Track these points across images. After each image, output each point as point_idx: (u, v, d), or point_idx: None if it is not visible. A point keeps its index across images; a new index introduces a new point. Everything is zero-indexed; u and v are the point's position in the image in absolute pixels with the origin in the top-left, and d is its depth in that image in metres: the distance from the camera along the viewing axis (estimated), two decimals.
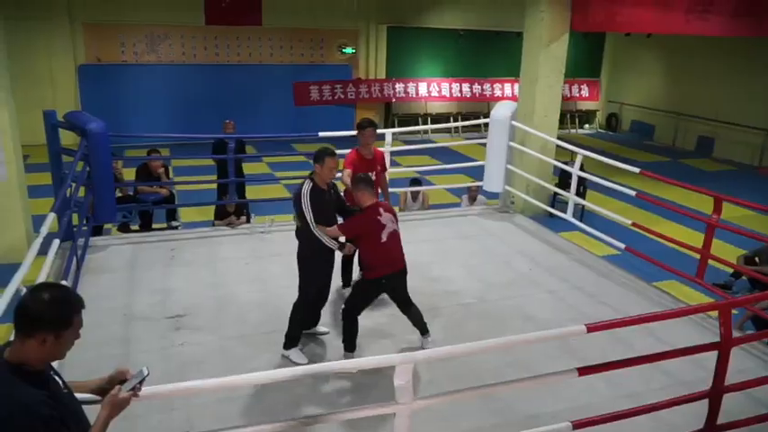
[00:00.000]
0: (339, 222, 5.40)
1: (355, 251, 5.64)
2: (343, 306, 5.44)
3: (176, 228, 9.64)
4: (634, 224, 7.50)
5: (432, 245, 8.16)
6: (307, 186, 5.22)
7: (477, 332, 5.91)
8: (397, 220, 5.40)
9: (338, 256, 5.55)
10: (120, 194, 9.19)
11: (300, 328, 5.52)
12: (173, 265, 7.35)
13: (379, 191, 6.36)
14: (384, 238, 5.21)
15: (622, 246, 7.46)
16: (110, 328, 5.79)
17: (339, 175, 5.87)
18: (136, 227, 9.54)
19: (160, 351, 5.51)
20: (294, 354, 5.43)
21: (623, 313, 6.10)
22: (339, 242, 5.33)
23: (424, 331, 5.61)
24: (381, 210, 5.29)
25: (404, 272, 5.41)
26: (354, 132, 6.65)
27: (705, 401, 4.24)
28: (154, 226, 9.64)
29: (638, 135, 20.89)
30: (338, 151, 5.40)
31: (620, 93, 21.83)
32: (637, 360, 4.01)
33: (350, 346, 5.38)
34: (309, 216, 5.17)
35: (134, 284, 6.80)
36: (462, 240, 8.46)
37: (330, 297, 5.79)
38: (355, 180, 5.37)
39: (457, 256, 7.82)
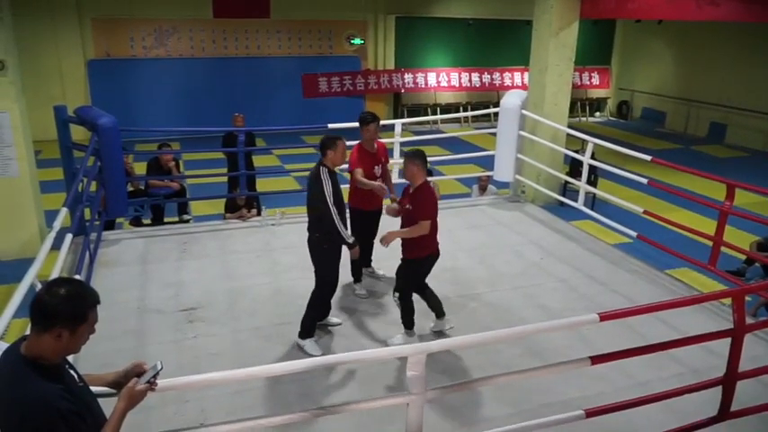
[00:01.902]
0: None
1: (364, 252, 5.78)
2: (396, 294, 5.61)
3: (187, 221, 9.68)
4: (646, 212, 7.47)
5: (442, 235, 8.01)
6: (323, 169, 5.27)
7: (488, 322, 5.92)
8: None
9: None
10: (131, 189, 9.23)
11: (318, 317, 5.57)
12: (184, 259, 7.39)
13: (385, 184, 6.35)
14: (438, 217, 5.39)
15: (634, 234, 7.45)
16: (123, 322, 5.85)
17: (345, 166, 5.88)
18: (147, 221, 9.58)
19: (174, 344, 5.55)
20: (309, 345, 5.47)
21: (635, 302, 6.09)
22: (350, 238, 5.33)
23: (440, 313, 5.70)
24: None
25: (438, 254, 5.57)
26: None
27: (718, 389, 4.23)
28: (165, 220, 9.68)
29: (650, 122, 20.74)
30: (351, 143, 5.42)
31: (631, 80, 21.67)
32: (649, 348, 4.01)
33: (410, 324, 5.57)
34: (329, 191, 5.18)
35: (147, 278, 6.85)
36: (473, 230, 8.45)
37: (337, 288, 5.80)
38: (413, 155, 5.33)
39: (468, 246, 7.82)
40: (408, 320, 5.57)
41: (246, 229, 8.38)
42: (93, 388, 2.71)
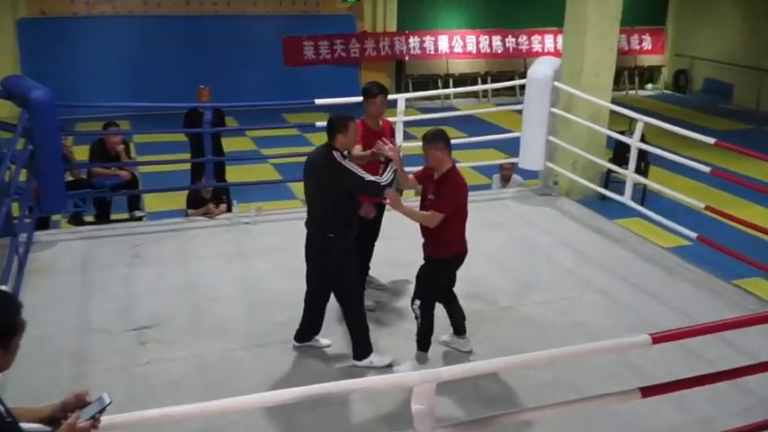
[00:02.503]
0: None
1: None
2: (417, 302, 5.53)
3: (140, 219, 9.67)
4: (708, 208, 7.46)
5: None
6: (337, 153, 5.30)
7: (512, 343, 5.92)
8: None
9: None
10: (70, 178, 9.21)
11: (367, 329, 5.65)
12: (136, 266, 7.38)
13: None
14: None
15: (694, 235, 7.44)
16: (60, 344, 5.83)
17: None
18: (90, 218, 9.58)
19: (123, 371, 5.54)
20: (376, 360, 5.60)
21: (695, 319, 6.09)
22: (382, 180, 5.37)
23: (461, 330, 5.77)
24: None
25: (466, 254, 5.63)
26: (360, 99, 6.64)
27: None
28: (112, 217, 9.67)
29: (713, 97, 20.72)
30: None
31: (691, 44, 21.63)
32: (712, 377, 4.00)
33: (425, 345, 5.63)
34: (359, 172, 5.24)
35: (89, 289, 6.84)
36: (493, 230, 8.46)
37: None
38: (432, 136, 5.37)
39: (487, 250, 7.81)
40: (425, 340, 5.61)
41: (214, 228, 8.38)
42: (24, 425, 2.70)
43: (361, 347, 5.63)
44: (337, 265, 5.50)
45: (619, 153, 10.79)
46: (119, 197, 9.82)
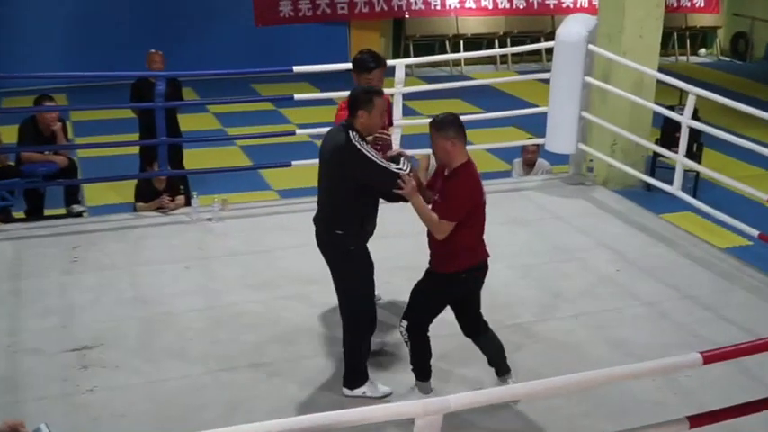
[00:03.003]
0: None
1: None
2: (404, 323, 5.50)
3: (80, 214, 9.64)
4: None
5: None
6: (354, 135, 5.27)
7: (537, 366, 5.95)
8: None
9: None
10: None
11: (366, 354, 5.68)
12: (76, 272, 7.38)
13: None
14: (484, 215, 5.45)
15: (755, 233, 7.47)
16: None
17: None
18: (20, 213, 9.57)
19: (62, 399, 5.55)
20: (370, 389, 5.63)
21: (756, 334, 6.11)
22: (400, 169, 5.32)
23: (502, 369, 5.66)
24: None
25: (486, 266, 5.57)
26: (348, 66, 6.64)
27: None
28: (46, 212, 9.66)
29: None
30: (330, 94, 5.36)
31: (752, 2, 21.66)
32: None
33: (424, 373, 5.58)
34: (378, 159, 5.24)
35: (18, 301, 6.84)
36: (514, 227, 8.49)
37: None
38: (441, 122, 5.27)
39: (507, 252, 7.82)
40: (422, 367, 5.58)
41: (169, 226, 8.39)
42: None
43: (353, 374, 5.64)
44: (342, 270, 5.52)
45: (667, 133, 10.82)
46: (54, 188, 9.82)
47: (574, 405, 5.45)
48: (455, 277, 5.39)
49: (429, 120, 5.41)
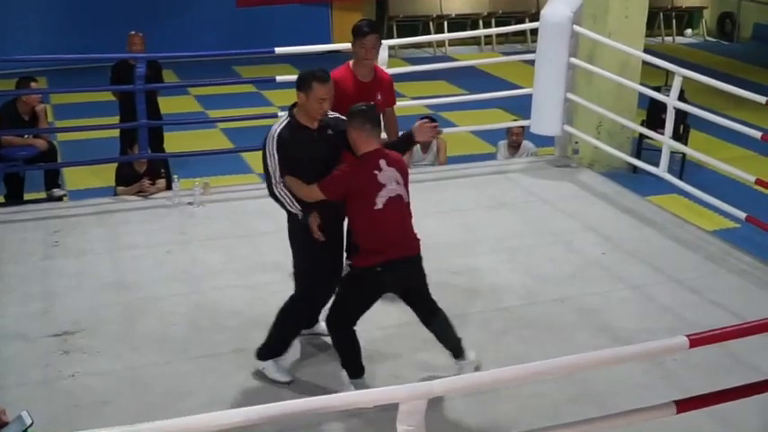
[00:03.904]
0: None
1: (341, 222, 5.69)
2: (326, 314, 5.46)
3: (60, 198, 9.64)
4: (759, 182, 7.51)
5: (453, 218, 8.20)
6: (280, 124, 5.31)
7: (523, 350, 5.95)
8: (406, 181, 5.40)
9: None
10: None
11: (292, 333, 5.63)
12: (56, 257, 7.36)
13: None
14: (380, 205, 5.22)
15: (743, 215, 7.48)
16: None
17: None
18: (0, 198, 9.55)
19: (42, 385, 5.54)
20: (271, 367, 5.56)
21: (743, 318, 6.13)
22: (305, 208, 5.34)
23: (457, 352, 5.58)
24: (383, 162, 5.29)
25: (413, 261, 5.42)
26: (330, 47, 6.62)
27: None
28: (26, 196, 9.64)
29: (765, 45, 20.80)
30: None
31: None
32: (761, 386, 4.04)
33: (354, 370, 5.45)
34: (273, 165, 5.24)
35: (0, 286, 6.86)
36: (498, 211, 8.49)
37: None
38: (351, 113, 5.31)
39: (491, 236, 7.84)
40: (352, 364, 5.45)
41: (150, 210, 8.36)
42: None
43: (269, 347, 5.59)
44: (296, 257, 5.57)
45: (653, 114, 10.82)
46: (33, 172, 9.77)
47: (560, 390, 5.45)
48: (369, 271, 5.29)
49: (415, 101, 5.41)
